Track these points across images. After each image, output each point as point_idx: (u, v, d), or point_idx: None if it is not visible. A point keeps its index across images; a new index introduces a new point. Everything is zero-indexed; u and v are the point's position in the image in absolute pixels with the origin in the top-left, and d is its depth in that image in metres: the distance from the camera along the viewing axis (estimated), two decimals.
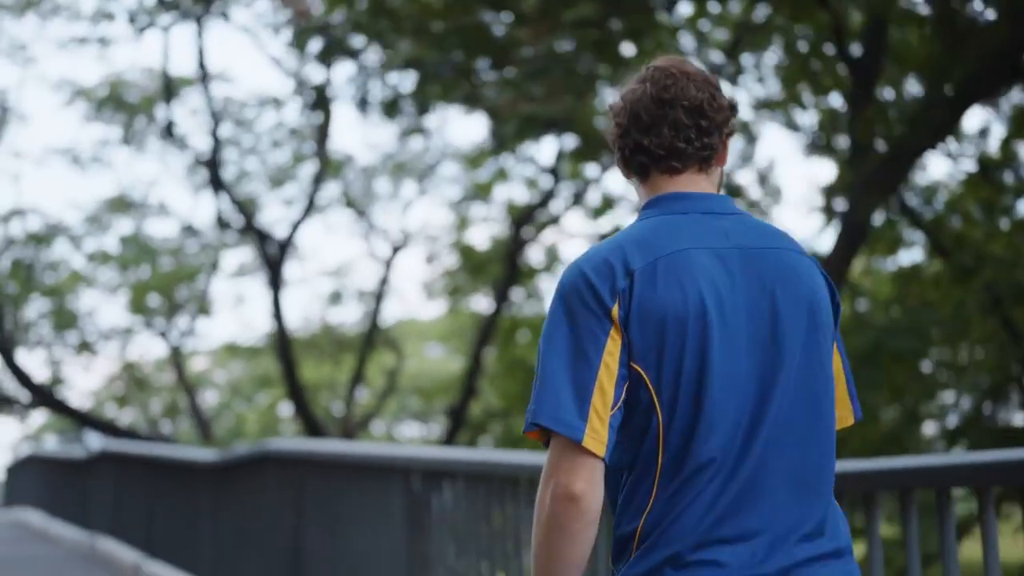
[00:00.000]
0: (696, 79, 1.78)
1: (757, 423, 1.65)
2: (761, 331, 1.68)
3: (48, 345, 19.41)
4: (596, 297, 1.66)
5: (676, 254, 1.68)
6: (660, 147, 1.77)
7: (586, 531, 1.64)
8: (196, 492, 8.29)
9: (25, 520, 16.02)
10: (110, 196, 19.63)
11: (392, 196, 19.68)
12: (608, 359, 1.64)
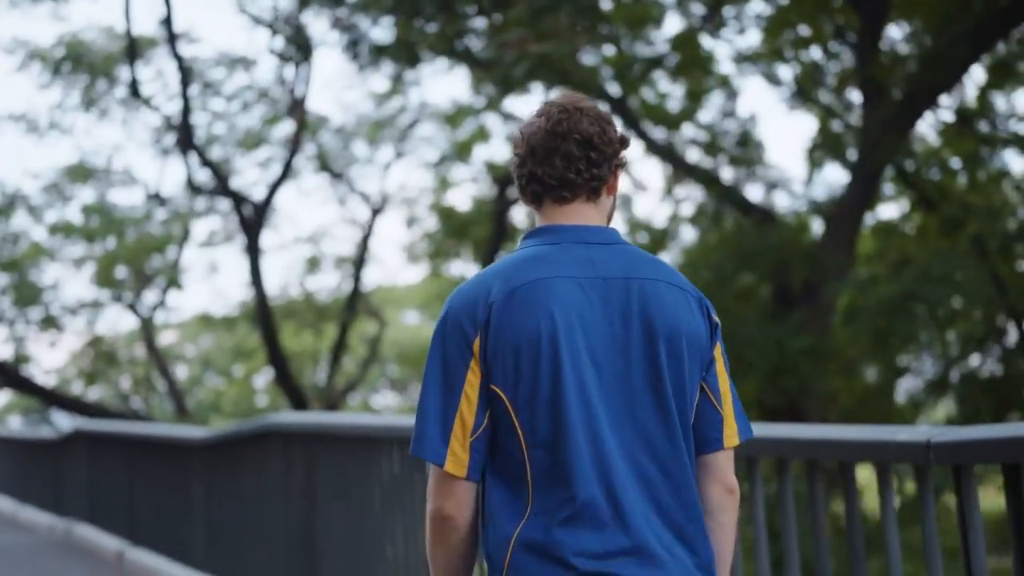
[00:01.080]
0: (589, 114, 1.90)
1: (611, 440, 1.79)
2: (616, 356, 1.81)
3: (10, 321, 18.53)
4: (462, 332, 1.80)
5: (534, 283, 1.80)
6: (552, 177, 1.88)
7: (461, 543, 1.86)
8: (185, 473, 7.58)
9: None
10: (70, 164, 18.73)
11: (369, 159, 18.94)
12: (469, 390, 1.80)
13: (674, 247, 17.38)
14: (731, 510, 1.94)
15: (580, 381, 1.80)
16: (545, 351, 1.79)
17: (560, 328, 1.79)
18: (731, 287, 8.76)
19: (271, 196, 14.81)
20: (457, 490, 1.83)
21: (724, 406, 1.93)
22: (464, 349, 1.82)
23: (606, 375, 1.82)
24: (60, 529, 10.94)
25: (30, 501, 13.43)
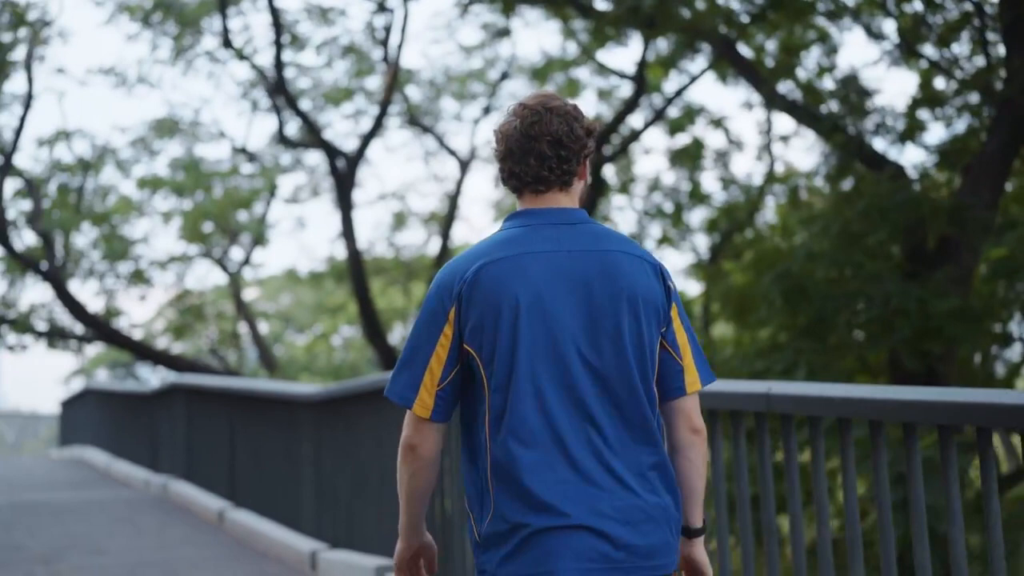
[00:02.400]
0: (558, 113, 2.17)
1: (570, 392, 2.12)
2: (578, 315, 2.13)
3: (100, 275, 18.58)
4: (440, 302, 2.18)
5: (502, 259, 2.14)
6: (527, 174, 2.19)
7: (424, 470, 2.26)
8: (293, 432, 7.31)
9: (87, 459, 15.30)
10: (158, 118, 18.64)
11: (458, 114, 18.54)
12: (440, 349, 2.17)
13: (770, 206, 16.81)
14: (698, 447, 2.26)
15: (536, 344, 2.12)
16: (505, 315, 2.13)
17: (520, 297, 2.13)
18: (862, 245, 8.21)
19: (363, 148, 14.46)
20: (423, 427, 2.22)
21: (684, 358, 2.25)
22: (440, 316, 2.18)
23: (566, 332, 2.13)
24: (156, 485, 10.84)
25: (124, 456, 13.41)
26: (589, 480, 2.10)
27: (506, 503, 2.12)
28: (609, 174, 17.02)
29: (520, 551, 2.10)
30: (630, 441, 2.14)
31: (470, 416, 2.22)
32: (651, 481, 2.15)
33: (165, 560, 7.12)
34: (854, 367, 8.64)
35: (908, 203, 8.11)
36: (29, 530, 8.50)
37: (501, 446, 2.13)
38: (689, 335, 2.27)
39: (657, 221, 18.09)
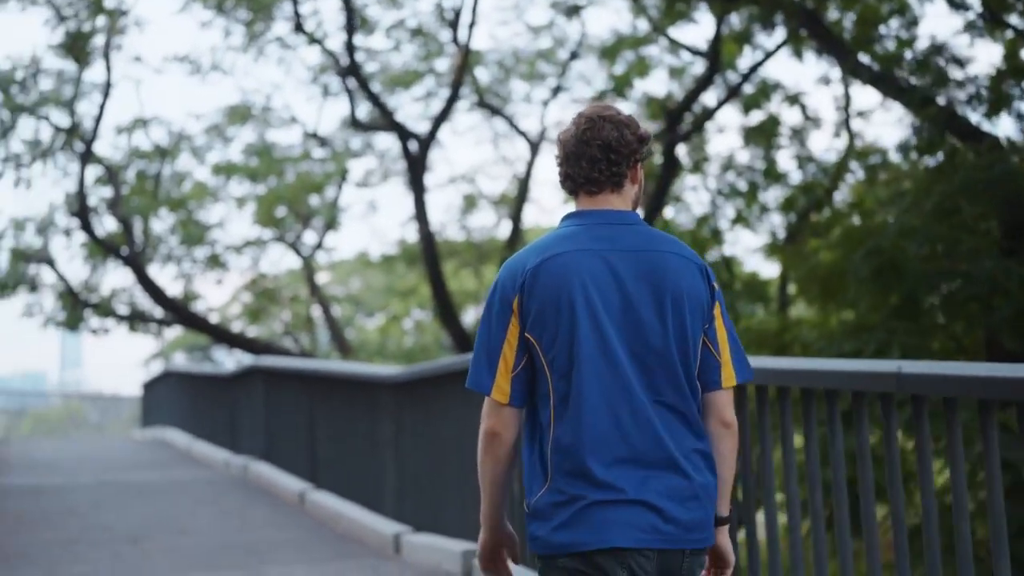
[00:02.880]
0: (611, 120, 2.37)
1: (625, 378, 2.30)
2: (628, 310, 2.30)
3: (178, 260, 18.88)
4: (504, 295, 2.34)
5: (559, 255, 2.32)
6: (580, 176, 2.39)
7: (505, 456, 2.38)
8: (374, 413, 7.33)
9: (168, 440, 15.57)
10: (232, 104, 18.85)
11: (527, 95, 18.45)
12: (510, 337, 2.34)
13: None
14: (728, 440, 2.41)
15: (591, 328, 2.30)
16: (564, 308, 2.30)
17: (576, 290, 2.30)
18: (956, 221, 7.93)
19: (435, 130, 14.43)
20: (503, 413, 2.36)
21: (723, 354, 2.41)
22: (506, 308, 2.35)
23: (616, 324, 2.31)
24: (236, 466, 10.98)
25: (204, 437, 13.61)
26: (642, 461, 2.29)
27: (563, 478, 2.30)
28: (682, 154, 16.80)
29: (576, 520, 2.27)
30: (677, 426, 2.33)
31: (535, 399, 2.38)
32: (696, 463, 2.34)
33: (249, 541, 7.19)
34: (948, 348, 8.38)
35: (1006, 176, 7.81)
36: (115, 509, 8.65)
37: (563, 428, 2.31)
38: (729, 333, 2.44)
39: (731, 201, 17.82)
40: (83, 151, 16.77)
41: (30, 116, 16.65)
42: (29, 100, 16.52)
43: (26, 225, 17.63)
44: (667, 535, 2.28)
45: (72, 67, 16.34)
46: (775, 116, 16.44)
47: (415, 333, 28.15)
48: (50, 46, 15.79)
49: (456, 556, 5.76)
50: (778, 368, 3.78)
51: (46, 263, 17.64)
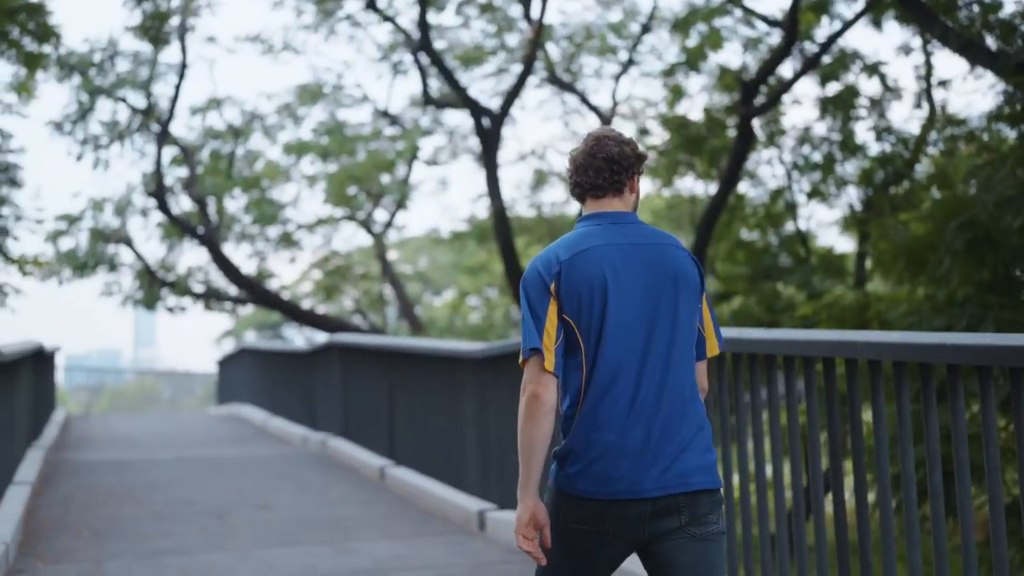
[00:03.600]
0: (614, 140, 2.84)
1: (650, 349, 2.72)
2: (649, 294, 2.74)
3: (252, 239, 19.07)
4: (542, 280, 2.74)
5: (588, 249, 2.75)
6: (587, 183, 2.83)
7: (547, 418, 2.70)
8: (455, 391, 7.30)
9: (245, 416, 15.76)
10: (303, 83, 18.94)
11: (597, 70, 18.24)
12: (551, 314, 2.72)
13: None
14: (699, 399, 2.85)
15: (620, 313, 2.71)
16: (596, 293, 2.71)
17: (608, 278, 2.72)
18: None
19: (508, 105, 14.33)
20: (545, 379, 2.71)
21: (707, 330, 2.88)
22: (545, 291, 2.74)
23: (642, 311, 2.73)
24: (314, 441, 11.06)
25: (280, 413, 13.75)
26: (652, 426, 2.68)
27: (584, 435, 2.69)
28: (756, 127, 16.49)
29: (591, 469, 2.67)
30: (683, 396, 2.74)
31: (571, 368, 2.75)
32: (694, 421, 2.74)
33: (331, 517, 7.22)
34: None
35: None
36: (198, 485, 8.76)
37: (591, 395, 2.71)
38: (711, 312, 2.91)
39: (806, 174, 17.47)
40: (159, 132, 16.99)
41: (108, 98, 16.91)
42: (107, 82, 16.77)
43: (105, 206, 17.95)
44: (668, 484, 2.67)
45: (148, 49, 16.54)
46: (853, 87, 16.06)
47: (483, 310, 28.20)
48: (127, 28, 16.00)
49: None
50: (873, 341, 3.66)
51: (124, 243, 17.94)
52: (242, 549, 6.15)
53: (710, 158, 17.27)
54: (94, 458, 10.73)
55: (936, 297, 8.45)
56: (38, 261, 12.99)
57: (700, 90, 18.40)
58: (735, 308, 16.70)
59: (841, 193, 17.10)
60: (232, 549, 6.17)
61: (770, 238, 17.90)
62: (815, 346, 3.95)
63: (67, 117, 16.73)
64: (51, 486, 8.76)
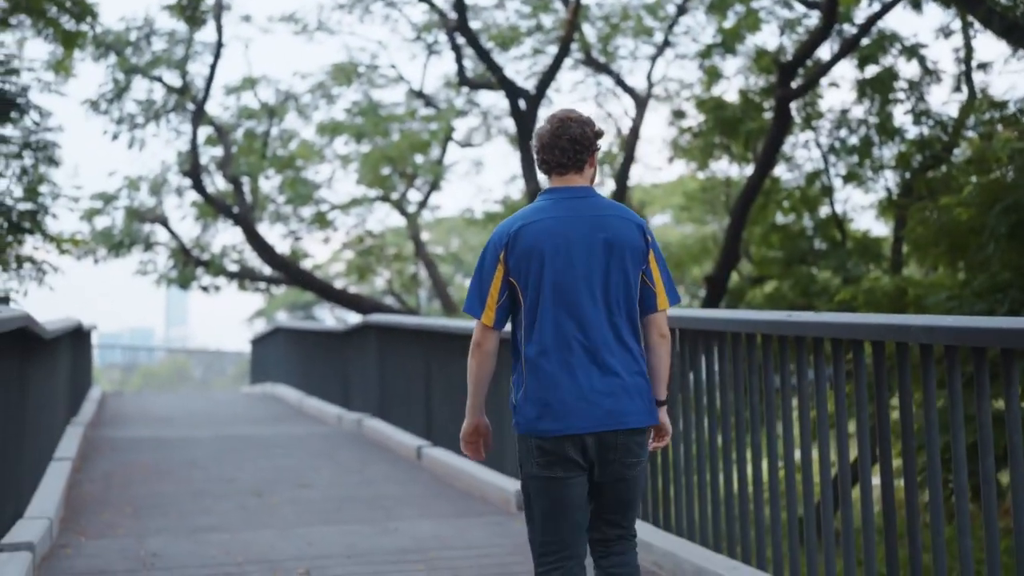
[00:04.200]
0: (576, 121, 3.23)
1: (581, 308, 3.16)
2: (583, 258, 3.16)
3: (286, 219, 19.14)
4: (495, 248, 3.20)
5: (536, 221, 3.19)
6: (552, 161, 3.25)
7: (486, 361, 3.28)
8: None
9: (279, 396, 15.86)
10: (337, 63, 18.93)
11: (633, 52, 18.12)
12: (496, 280, 3.19)
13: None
14: (664, 347, 3.30)
15: (559, 278, 3.15)
16: (536, 260, 3.15)
17: (546, 248, 3.15)
18: None
19: (545, 86, 14.26)
20: (487, 332, 3.24)
21: (657, 286, 3.26)
22: (495, 258, 3.20)
23: (576, 273, 3.16)
24: (350, 421, 11.11)
25: (315, 393, 13.81)
26: (588, 370, 3.14)
27: (534, 383, 3.16)
28: (793, 109, 16.32)
29: (545, 414, 3.13)
30: (616, 339, 3.17)
31: (514, 327, 3.25)
32: (630, 368, 3.19)
33: (370, 495, 7.25)
34: None
35: None
36: (236, 463, 8.82)
37: (531, 347, 3.17)
38: (662, 271, 3.29)
39: (843, 158, 17.29)
40: (194, 111, 17.05)
41: (143, 77, 16.99)
42: (142, 61, 16.84)
43: (140, 185, 18.06)
44: (607, 420, 3.13)
45: (184, 28, 16.58)
46: (892, 69, 15.86)
47: None
48: (163, 7, 16.04)
49: None
50: (927, 325, 3.62)
51: (159, 222, 18.05)
52: (283, 527, 6.19)
53: (746, 141, 17.12)
54: (132, 435, 10.83)
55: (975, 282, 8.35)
56: (75, 239, 13.10)
57: (736, 72, 18.25)
58: (768, 292, 16.60)
59: (878, 177, 16.93)
60: (273, 527, 6.20)
61: (805, 222, 17.75)
62: (865, 329, 3.91)
63: (103, 96, 16.83)
64: (91, 462, 8.85)
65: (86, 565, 5.23)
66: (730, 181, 19.20)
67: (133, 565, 5.22)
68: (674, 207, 23.09)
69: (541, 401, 3.12)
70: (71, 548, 5.64)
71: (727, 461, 4.78)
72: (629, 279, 3.19)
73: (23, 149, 11.19)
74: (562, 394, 3.11)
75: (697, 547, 4.87)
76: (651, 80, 17.80)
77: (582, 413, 3.11)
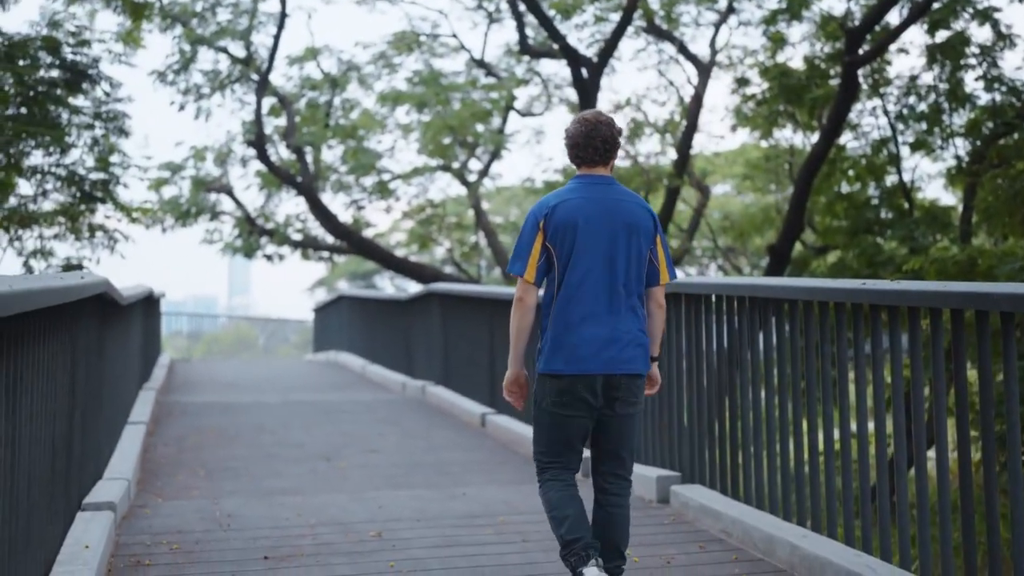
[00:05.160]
0: (605, 124, 3.88)
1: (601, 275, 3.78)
2: (607, 234, 3.78)
3: (348, 188, 19.27)
4: (536, 219, 3.81)
5: (569, 200, 3.81)
6: (586, 156, 3.86)
7: (528, 314, 3.83)
8: None
9: (342, 363, 16.05)
10: (398, 31, 18.95)
11: (695, 18, 17.90)
12: (536, 244, 3.79)
13: None
14: (660, 314, 3.98)
15: (587, 249, 3.77)
16: (569, 231, 3.77)
17: (579, 222, 3.77)
18: None
19: (608, 54, 14.15)
20: (529, 287, 3.82)
21: (660, 264, 3.91)
22: (535, 226, 3.80)
23: (600, 245, 3.78)
24: (413, 388, 11.23)
25: (378, 360, 13.96)
26: (605, 320, 3.77)
27: (558, 332, 3.77)
28: (861, 76, 16.03)
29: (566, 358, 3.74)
30: (627, 302, 3.81)
31: (549, 283, 3.85)
32: (635, 325, 3.83)
33: (437, 461, 7.33)
34: None
35: None
36: (305, 428, 8.97)
37: (562, 299, 3.79)
38: (665, 250, 3.95)
39: (911, 125, 16.95)
40: (259, 82, 17.21)
41: (209, 48, 17.17)
42: (207, 32, 17.01)
43: (206, 155, 18.31)
44: (612, 366, 3.76)
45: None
46: (963, 34, 15.49)
47: None
48: None
49: (651, 482, 5.72)
50: (1014, 293, 3.56)
51: (225, 192, 18.29)
52: (353, 491, 6.29)
53: (811, 108, 16.87)
54: (202, 400, 11.05)
55: None
56: (145, 208, 13.34)
57: (801, 39, 17.95)
58: (832, 262, 16.39)
59: (947, 145, 16.59)
60: (343, 490, 6.31)
61: (871, 191, 17.47)
62: (945, 297, 3.86)
63: (170, 67, 17.05)
64: (163, 426, 9.06)
65: (164, 524, 5.37)
66: (794, 150, 18.94)
67: (209, 526, 5.35)
68: (736, 176, 22.81)
69: (563, 347, 3.74)
70: (149, 508, 5.80)
71: (797, 430, 4.76)
72: (642, 255, 3.83)
73: (94, 120, 11.42)
74: (580, 342, 3.74)
75: (766, 515, 4.87)
76: (714, 47, 17.58)
77: (595, 359, 3.74)
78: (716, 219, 23.03)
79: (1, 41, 10.68)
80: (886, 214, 17.13)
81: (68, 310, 4.54)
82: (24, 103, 10.87)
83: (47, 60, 10.97)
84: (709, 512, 5.14)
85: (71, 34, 11.20)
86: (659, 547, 4.80)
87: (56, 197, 11.26)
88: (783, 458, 4.85)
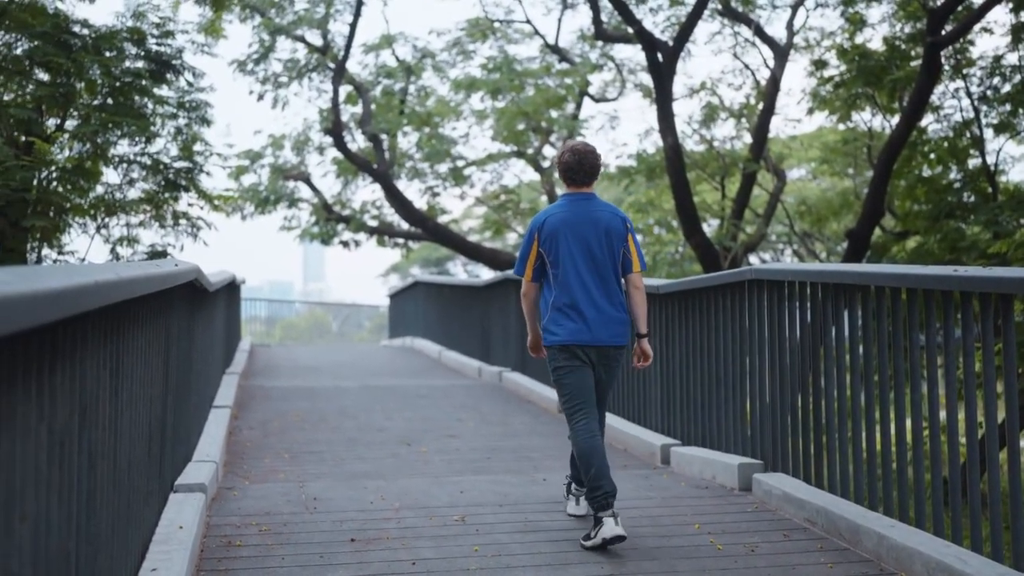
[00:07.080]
0: (591, 154, 4.99)
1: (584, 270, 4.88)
2: (587, 238, 4.88)
3: (422, 175, 19.41)
4: (532, 231, 5.00)
5: (555, 214, 4.94)
6: (578, 179, 4.97)
7: (533, 302, 5.13)
8: None
9: (418, 348, 16.18)
10: (472, 18, 19.00)
11: (772, 1, 17.65)
12: (533, 250, 4.97)
13: None
14: (640, 294, 5.03)
15: (570, 251, 4.86)
16: (558, 240, 4.86)
17: (566, 232, 4.87)
18: None
19: (684, 37, 14.03)
20: (529, 284, 5.05)
21: (632, 257, 4.96)
22: (531, 237, 4.97)
23: (583, 250, 4.86)
24: (490, 374, 11.30)
25: (454, 347, 14.06)
26: (590, 308, 4.83)
27: (556, 316, 4.87)
28: (943, 57, 15.66)
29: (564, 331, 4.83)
30: (608, 292, 4.87)
31: (545, 281, 4.96)
32: (616, 308, 4.87)
33: (516, 447, 7.39)
34: None
35: None
36: (385, 413, 9.09)
37: (556, 292, 4.87)
38: (636, 247, 4.98)
39: (995, 107, 16.53)
40: (335, 70, 17.39)
41: (287, 37, 17.39)
42: (285, 21, 17.23)
43: (284, 143, 18.57)
44: (601, 339, 4.82)
45: None
46: None
47: (648, 246, 27.99)
48: None
49: (732, 469, 5.70)
50: None
51: (302, 179, 18.54)
52: (435, 475, 6.37)
53: (891, 91, 16.55)
54: (283, 384, 11.25)
55: None
56: (227, 196, 13.60)
57: (880, 20, 17.62)
58: (913, 247, 16.09)
59: None
60: (426, 474, 6.40)
61: (953, 174, 17.09)
62: None
63: (250, 56, 17.32)
64: (247, 410, 9.25)
65: (252, 507, 5.50)
66: (873, 133, 18.61)
67: (296, 508, 5.46)
68: (813, 161, 22.48)
69: (562, 327, 4.84)
70: (237, 491, 5.93)
71: (884, 418, 4.71)
72: (615, 253, 4.87)
73: (178, 109, 11.66)
74: (574, 323, 4.82)
75: (851, 504, 4.83)
76: (792, 29, 17.33)
77: (587, 334, 4.81)
78: (791, 204, 22.74)
79: (88, 33, 10.96)
80: (969, 198, 16.76)
81: (163, 297, 4.67)
82: (110, 93, 11.13)
83: (132, 51, 11.22)
84: (792, 500, 5.11)
85: (155, 25, 11.44)
86: (743, 535, 4.79)
87: (141, 185, 11.52)
88: (869, 446, 4.80)
